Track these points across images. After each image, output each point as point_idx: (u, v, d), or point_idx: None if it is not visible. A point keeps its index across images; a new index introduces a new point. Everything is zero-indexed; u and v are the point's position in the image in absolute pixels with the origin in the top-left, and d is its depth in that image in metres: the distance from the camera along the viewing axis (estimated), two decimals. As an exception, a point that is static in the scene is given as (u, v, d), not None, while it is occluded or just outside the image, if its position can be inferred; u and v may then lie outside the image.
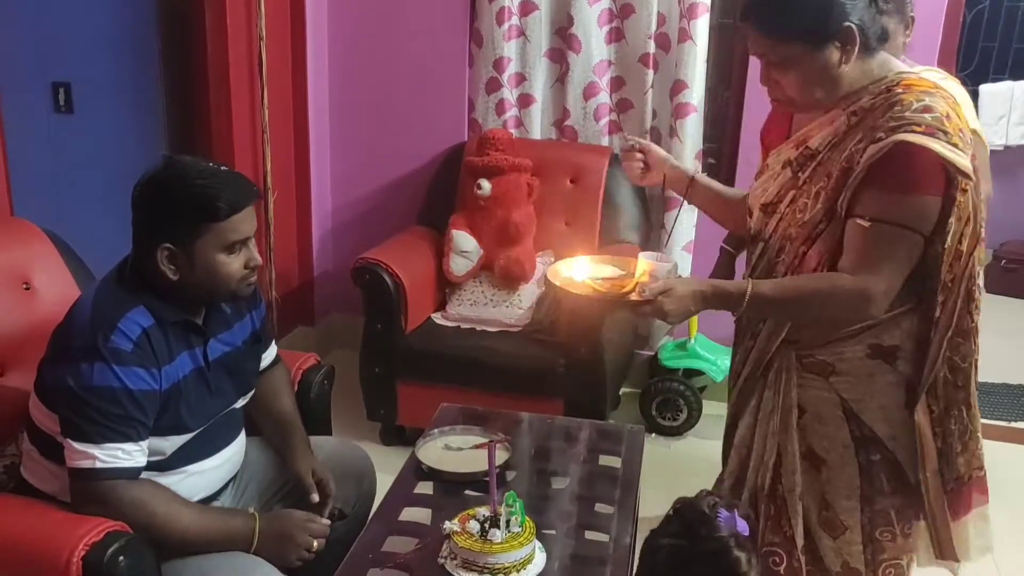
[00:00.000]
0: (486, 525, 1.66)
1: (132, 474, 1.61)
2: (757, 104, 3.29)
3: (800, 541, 1.65)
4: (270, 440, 1.98)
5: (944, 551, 1.64)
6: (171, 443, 1.70)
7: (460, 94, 3.58)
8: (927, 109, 1.46)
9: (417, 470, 2.01)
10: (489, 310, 3.20)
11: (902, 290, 1.53)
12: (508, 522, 1.67)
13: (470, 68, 3.55)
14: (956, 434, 1.60)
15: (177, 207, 1.63)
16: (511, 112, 3.53)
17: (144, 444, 1.63)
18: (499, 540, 1.64)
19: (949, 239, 1.49)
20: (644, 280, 1.63)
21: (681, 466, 3.05)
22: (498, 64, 3.46)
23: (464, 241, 3.26)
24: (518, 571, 1.64)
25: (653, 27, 3.31)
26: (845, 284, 1.50)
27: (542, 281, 3.26)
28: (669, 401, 3.25)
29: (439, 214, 3.41)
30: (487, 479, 1.74)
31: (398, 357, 3.04)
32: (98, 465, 1.57)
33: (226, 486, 1.88)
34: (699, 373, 3.30)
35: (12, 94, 2.61)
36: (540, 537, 1.73)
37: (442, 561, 1.68)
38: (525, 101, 3.52)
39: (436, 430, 2.14)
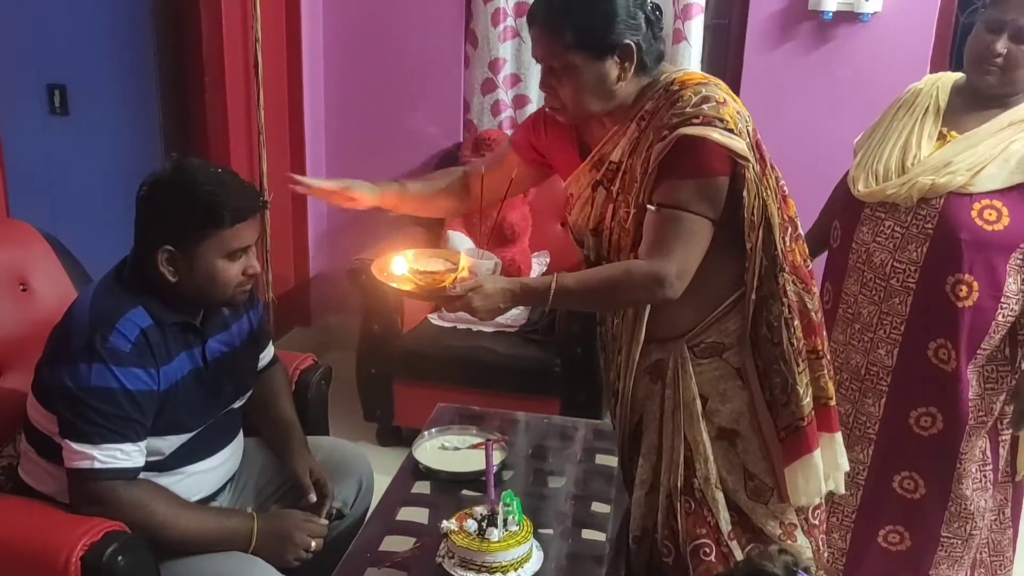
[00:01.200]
0: (483, 524, 1.67)
1: (131, 474, 1.61)
2: (752, 102, 3.31)
3: (726, 527, 1.68)
4: (268, 441, 1.98)
5: (782, 494, 1.69)
6: (169, 443, 1.71)
7: (456, 95, 3.59)
8: (705, 100, 1.55)
9: (414, 470, 2.01)
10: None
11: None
12: (505, 521, 1.68)
13: (466, 69, 3.56)
14: (779, 387, 1.65)
15: (183, 211, 1.63)
16: (506, 113, 3.54)
17: (142, 444, 1.63)
18: (496, 539, 1.64)
19: (745, 212, 1.58)
20: (464, 276, 1.66)
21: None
22: (493, 65, 3.47)
23: (461, 241, 3.26)
24: (515, 569, 1.65)
25: (648, 28, 3.32)
26: (639, 269, 1.57)
27: (546, 266, 3.28)
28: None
29: (435, 215, 3.41)
30: (484, 479, 1.74)
31: (395, 357, 3.05)
32: (97, 465, 1.57)
33: (224, 486, 1.88)
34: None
35: (7, 96, 2.61)
36: (537, 536, 1.73)
37: (440, 560, 1.68)
38: (520, 102, 3.53)
39: (433, 430, 2.15)
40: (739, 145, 1.53)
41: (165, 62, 3.26)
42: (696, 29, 3.27)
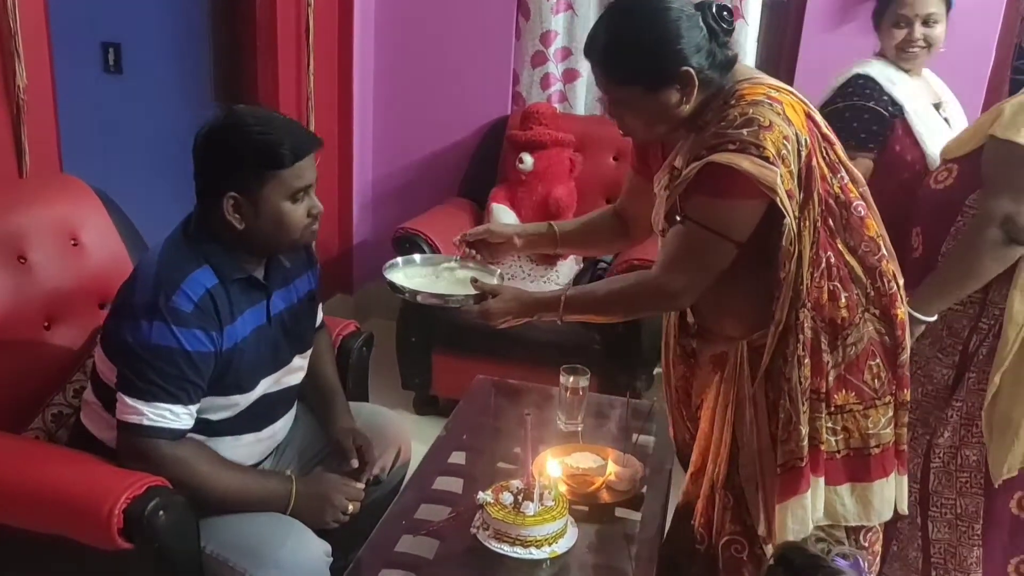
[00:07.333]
0: (519, 497, 1.67)
1: (176, 435, 1.62)
2: (808, 84, 3.24)
3: (763, 531, 1.64)
4: (311, 404, 2.00)
5: (769, 528, 1.63)
6: (232, 403, 1.71)
7: (505, 67, 3.56)
8: (748, 122, 1.48)
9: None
10: (527, 285, 3.20)
11: None
12: (541, 496, 1.68)
13: (516, 41, 3.53)
14: (782, 423, 1.61)
15: (242, 156, 1.62)
16: (556, 87, 3.51)
17: (193, 408, 1.64)
18: (532, 513, 1.64)
19: (783, 241, 1.51)
20: (612, 479, 1.87)
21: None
22: (545, 38, 3.43)
23: (504, 215, 3.25)
24: (549, 544, 1.65)
25: (704, 4, 3.27)
26: (648, 281, 1.62)
27: (580, 258, 3.26)
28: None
29: (480, 187, 3.40)
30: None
31: (435, 327, 3.06)
32: (145, 422, 1.59)
33: (269, 454, 1.90)
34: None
35: (62, 54, 2.63)
36: (571, 513, 1.73)
37: (474, 531, 1.69)
38: (570, 76, 3.50)
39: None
40: (770, 176, 1.45)
41: (218, 24, 3.28)
42: (754, 7, 3.20)
